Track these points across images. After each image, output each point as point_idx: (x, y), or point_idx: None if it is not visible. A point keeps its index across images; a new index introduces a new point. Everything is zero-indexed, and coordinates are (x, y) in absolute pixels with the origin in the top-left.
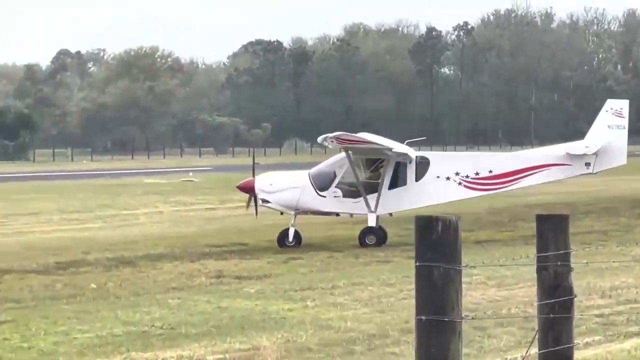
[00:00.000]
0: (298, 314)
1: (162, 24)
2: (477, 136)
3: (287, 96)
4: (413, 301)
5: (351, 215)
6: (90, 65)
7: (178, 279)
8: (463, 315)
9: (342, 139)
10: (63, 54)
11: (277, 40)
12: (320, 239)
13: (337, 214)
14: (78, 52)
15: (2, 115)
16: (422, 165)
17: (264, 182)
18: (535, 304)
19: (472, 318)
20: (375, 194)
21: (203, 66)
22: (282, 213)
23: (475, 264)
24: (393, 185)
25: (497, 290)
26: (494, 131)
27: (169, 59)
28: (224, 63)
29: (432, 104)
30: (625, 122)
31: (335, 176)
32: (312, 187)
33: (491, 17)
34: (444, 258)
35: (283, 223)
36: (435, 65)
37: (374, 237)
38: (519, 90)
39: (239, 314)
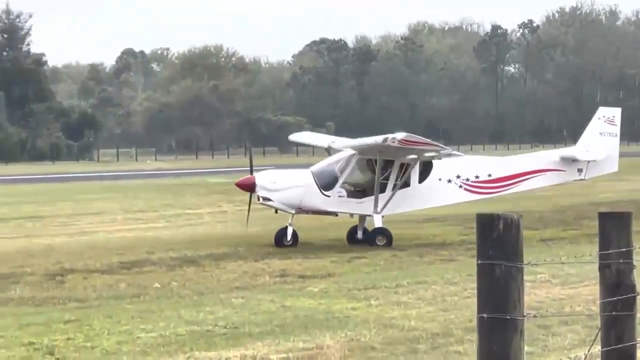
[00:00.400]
0: (362, 313)
1: (226, 22)
2: (541, 134)
3: (351, 95)
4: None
5: (351, 215)
6: (154, 65)
7: (242, 278)
8: (525, 313)
9: (407, 141)
10: (127, 53)
11: (342, 39)
12: None
13: (336, 214)
14: (142, 52)
15: (67, 115)
16: (425, 167)
17: (266, 180)
18: (598, 301)
19: (534, 316)
20: (380, 195)
21: (266, 65)
22: (276, 211)
23: (537, 261)
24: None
25: (562, 288)
26: (558, 129)
27: (233, 58)
28: (288, 62)
29: (496, 102)
30: (617, 129)
31: (339, 176)
32: (316, 186)
33: (556, 15)
34: (506, 256)
35: (348, 223)
36: (500, 64)
37: (383, 238)
38: (584, 88)
39: (302, 313)
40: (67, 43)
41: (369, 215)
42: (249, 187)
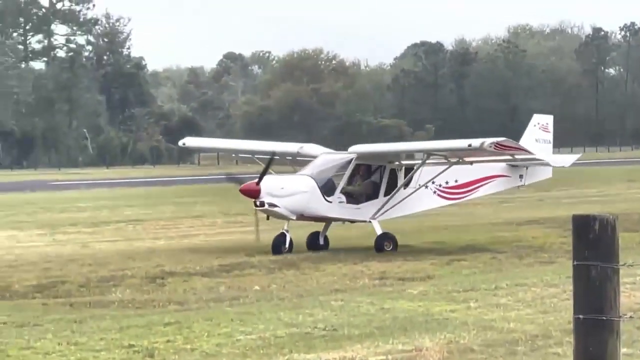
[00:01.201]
0: (461, 315)
1: (325, 26)
2: None
3: (450, 97)
4: None
5: (343, 222)
6: (254, 68)
7: (341, 280)
8: (622, 315)
9: (503, 146)
10: (227, 57)
11: (439, 42)
12: (483, 239)
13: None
14: (240, 55)
15: (167, 118)
16: (409, 173)
17: (273, 186)
18: None
19: (631, 317)
20: (374, 201)
21: (366, 68)
22: (268, 217)
23: (633, 262)
24: (388, 192)
25: None
26: None
27: (334, 61)
28: (390, 65)
29: (596, 105)
30: (550, 136)
31: (336, 181)
32: (320, 192)
33: None
34: (602, 257)
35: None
36: (601, 66)
37: (390, 243)
38: None
39: (401, 315)
40: (167, 47)
41: (366, 222)
42: (255, 194)
